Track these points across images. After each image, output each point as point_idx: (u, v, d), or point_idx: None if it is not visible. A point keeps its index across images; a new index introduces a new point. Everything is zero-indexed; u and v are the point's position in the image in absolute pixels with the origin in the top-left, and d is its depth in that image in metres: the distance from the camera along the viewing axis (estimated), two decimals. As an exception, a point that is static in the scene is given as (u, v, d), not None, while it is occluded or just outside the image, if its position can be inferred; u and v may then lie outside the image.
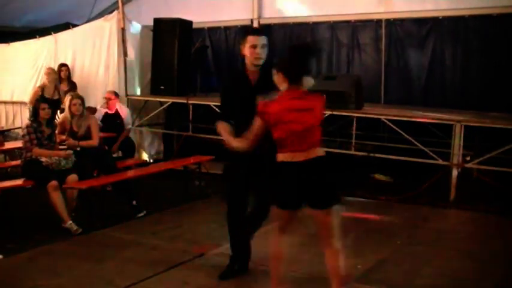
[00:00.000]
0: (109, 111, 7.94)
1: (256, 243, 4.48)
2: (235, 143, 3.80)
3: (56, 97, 8.68)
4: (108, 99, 7.92)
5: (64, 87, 9.01)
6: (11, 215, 5.74)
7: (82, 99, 6.50)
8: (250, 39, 4.05)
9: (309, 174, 3.49)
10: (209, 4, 9.93)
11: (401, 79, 8.75)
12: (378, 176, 7.83)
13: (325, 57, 9.34)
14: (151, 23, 9.18)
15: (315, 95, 3.62)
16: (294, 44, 3.92)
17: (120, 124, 7.92)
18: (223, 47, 10.14)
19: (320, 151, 3.58)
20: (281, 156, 3.53)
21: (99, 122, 7.63)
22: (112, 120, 7.90)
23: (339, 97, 7.35)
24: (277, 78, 3.59)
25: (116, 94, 8.13)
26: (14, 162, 7.14)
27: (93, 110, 7.89)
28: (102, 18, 9.54)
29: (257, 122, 3.60)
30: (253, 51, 4.06)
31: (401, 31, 8.66)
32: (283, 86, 3.56)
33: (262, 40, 4.07)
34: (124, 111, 8.13)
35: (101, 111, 7.96)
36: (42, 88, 8.72)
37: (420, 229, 5.96)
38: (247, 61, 4.13)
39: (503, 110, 7.47)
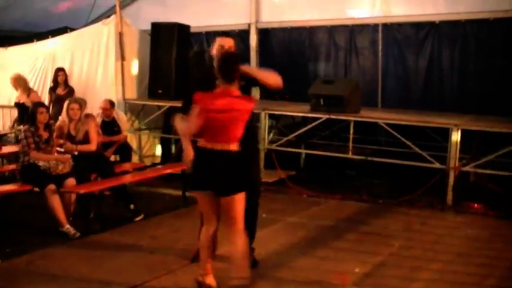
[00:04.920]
0: (106, 119, 7.91)
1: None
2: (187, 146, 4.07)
3: (23, 101, 8.78)
4: (104, 109, 7.88)
5: (61, 91, 9.01)
6: (8, 219, 5.73)
7: (80, 103, 6.50)
8: (218, 41, 4.47)
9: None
10: (207, 8, 9.95)
11: (399, 83, 8.78)
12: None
13: (323, 61, 9.37)
14: (149, 27, 9.19)
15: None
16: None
17: (118, 132, 7.91)
18: (221, 51, 10.14)
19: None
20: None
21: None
22: (110, 128, 7.87)
23: (337, 101, 7.37)
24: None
25: (112, 104, 8.07)
26: (11, 166, 7.13)
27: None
28: (100, 22, 9.55)
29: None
30: (221, 50, 4.36)
31: (399, 35, 8.69)
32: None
33: (229, 42, 4.49)
34: (121, 118, 8.12)
35: (98, 119, 7.91)
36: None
37: (418, 232, 5.97)
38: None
39: (501, 113, 7.49)
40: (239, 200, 3.87)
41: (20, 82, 8.92)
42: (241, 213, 3.91)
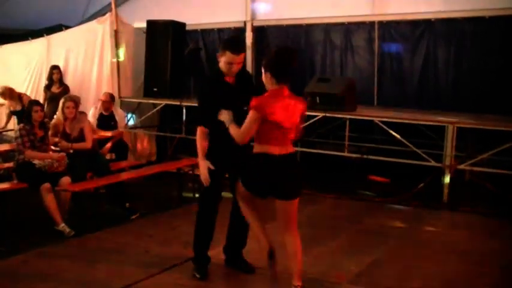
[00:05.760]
0: (104, 113, 7.97)
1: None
2: (202, 163, 4.18)
3: (19, 108, 8.90)
4: (104, 102, 7.93)
5: (56, 89, 9.01)
6: (3, 218, 5.71)
7: (75, 101, 6.48)
8: (228, 56, 4.10)
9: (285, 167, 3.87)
10: (203, 6, 9.93)
11: (395, 81, 8.78)
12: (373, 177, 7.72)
13: (319, 59, 9.37)
14: (145, 25, 9.17)
15: (299, 97, 3.95)
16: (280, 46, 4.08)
17: (114, 126, 7.94)
18: (216, 49, 10.11)
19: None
20: (260, 148, 3.84)
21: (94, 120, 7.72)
22: (106, 122, 7.92)
23: (332, 99, 7.36)
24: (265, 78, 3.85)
25: (112, 97, 8.15)
26: (6, 165, 7.10)
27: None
28: (95, 20, 9.53)
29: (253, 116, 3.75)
30: (229, 67, 4.14)
31: (395, 33, 8.69)
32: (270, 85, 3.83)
33: (240, 59, 4.14)
34: (119, 114, 8.16)
35: (95, 113, 7.96)
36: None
37: (413, 231, 5.98)
38: (222, 69, 4.22)
39: (497, 112, 7.50)
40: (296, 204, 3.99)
41: (5, 94, 8.94)
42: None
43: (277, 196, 3.90)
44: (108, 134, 7.77)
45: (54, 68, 9.15)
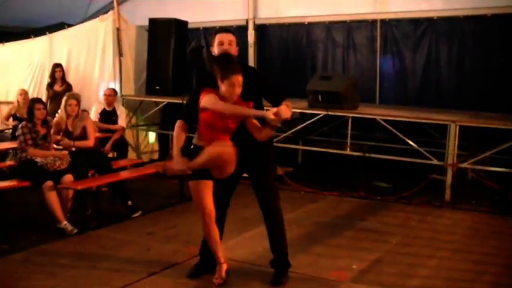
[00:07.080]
0: (107, 108, 8.02)
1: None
2: (175, 163, 4.12)
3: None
4: (107, 96, 8.01)
5: (58, 87, 9.02)
6: (5, 216, 5.72)
7: (78, 99, 6.48)
8: (218, 37, 4.18)
9: None
10: (205, 4, 9.94)
11: (397, 79, 8.77)
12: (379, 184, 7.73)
13: (320, 58, 9.36)
14: (147, 23, 9.18)
15: None
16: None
17: (115, 121, 8.00)
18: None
19: None
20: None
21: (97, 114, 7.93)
22: (109, 117, 7.99)
23: (334, 97, 7.36)
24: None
25: (115, 92, 8.28)
26: (8, 163, 7.10)
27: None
28: (98, 18, 9.53)
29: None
30: (222, 49, 4.17)
31: (397, 31, 8.68)
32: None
33: (229, 37, 4.21)
34: (121, 109, 8.20)
35: (99, 106, 8.04)
36: (15, 108, 8.84)
37: (415, 229, 5.97)
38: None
39: (499, 110, 7.49)
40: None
41: (26, 95, 8.87)
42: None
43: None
44: (110, 127, 7.91)
45: (57, 66, 9.15)
